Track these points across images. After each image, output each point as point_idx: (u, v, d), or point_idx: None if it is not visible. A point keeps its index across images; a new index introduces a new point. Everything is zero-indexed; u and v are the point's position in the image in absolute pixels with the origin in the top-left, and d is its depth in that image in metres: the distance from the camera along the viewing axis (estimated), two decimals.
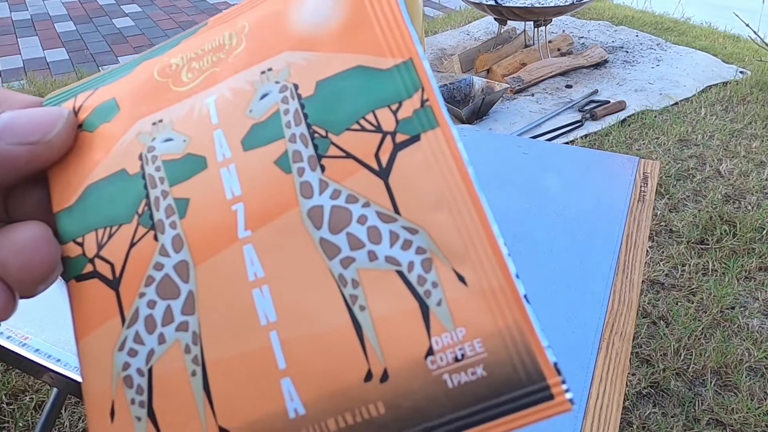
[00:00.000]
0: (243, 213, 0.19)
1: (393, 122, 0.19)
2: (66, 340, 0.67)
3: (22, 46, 3.50)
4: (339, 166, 0.19)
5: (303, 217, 0.18)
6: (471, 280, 0.17)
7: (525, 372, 0.16)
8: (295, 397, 0.17)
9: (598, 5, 3.91)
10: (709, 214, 1.96)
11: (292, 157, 0.19)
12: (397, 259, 0.18)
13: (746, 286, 1.71)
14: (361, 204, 0.18)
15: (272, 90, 0.20)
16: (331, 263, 0.18)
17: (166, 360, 0.18)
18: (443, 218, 0.18)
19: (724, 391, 1.42)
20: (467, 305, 0.17)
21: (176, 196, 0.20)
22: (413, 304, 0.17)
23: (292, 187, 0.19)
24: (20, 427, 1.35)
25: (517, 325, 0.16)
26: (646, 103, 2.63)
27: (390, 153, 0.19)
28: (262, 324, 0.18)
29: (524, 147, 1.01)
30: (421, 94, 0.19)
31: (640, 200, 0.86)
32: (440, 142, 0.18)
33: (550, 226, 0.82)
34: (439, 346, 0.17)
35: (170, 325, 0.19)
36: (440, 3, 4.28)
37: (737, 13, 3.15)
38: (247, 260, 0.18)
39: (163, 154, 0.20)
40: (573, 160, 0.97)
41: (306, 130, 0.19)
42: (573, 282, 0.72)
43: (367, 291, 0.17)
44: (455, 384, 0.16)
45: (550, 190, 0.89)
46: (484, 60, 2.93)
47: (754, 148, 2.34)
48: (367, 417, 0.17)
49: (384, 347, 0.17)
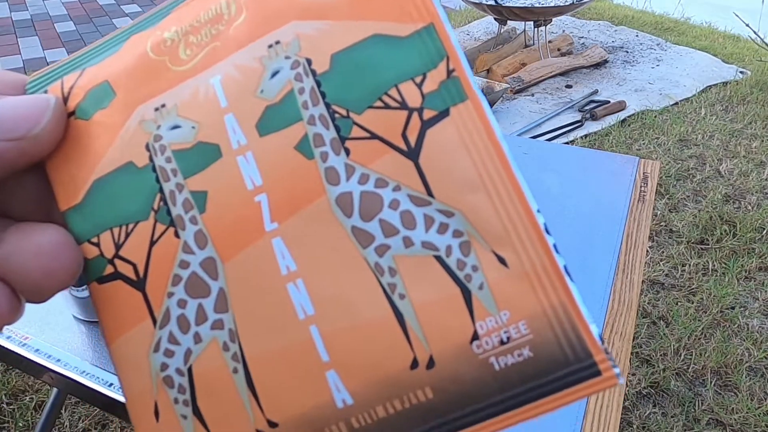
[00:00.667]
0: (267, 204, 0.18)
1: (419, 97, 0.17)
2: (66, 340, 0.67)
3: (22, 46, 3.50)
4: (364, 148, 0.18)
5: (332, 206, 0.17)
6: (512, 261, 0.17)
7: (572, 350, 0.16)
8: (341, 388, 0.17)
9: (598, 5, 3.91)
10: (709, 214, 1.96)
11: (314, 140, 0.18)
12: (434, 243, 0.17)
13: (746, 286, 1.71)
14: (391, 188, 0.17)
15: (283, 66, 0.18)
16: (366, 252, 0.17)
17: (205, 358, 0.18)
18: (479, 199, 0.17)
19: (724, 391, 1.42)
20: (510, 288, 0.16)
21: (192, 189, 0.18)
22: (455, 290, 0.17)
23: (316, 173, 0.18)
24: (20, 427, 1.35)
25: (561, 304, 0.16)
26: (646, 103, 2.63)
27: (418, 131, 0.17)
28: (300, 318, 0.17)
29: (524, 147, 1.01)
30: (447, 64, 0.18)
31: (640, 200, 0.86)
32: (472, 116, 0.17)
33: (550, 226, 0.82)
34: (483, 331, 0.16)
35: (204, 323, 0.18)
36: (440, 3, 4.28)
37: (737, 13, 3.15)
38: (278, 254, 0.18)
39: (172, 143, 0.19)
40: (573, 160, 0.97)
41: (325, 111, 0.18)
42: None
43: (406, 279, 0.17)
44: (502, 366, 0.16)
45: (550, 190, 0.89)
46: (484, 60, 2.93)
47: (754, 148, 2.34)
48: (415, 402, 0.16)
49: (428, 334, 0.17)
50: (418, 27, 0.18)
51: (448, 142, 0.17)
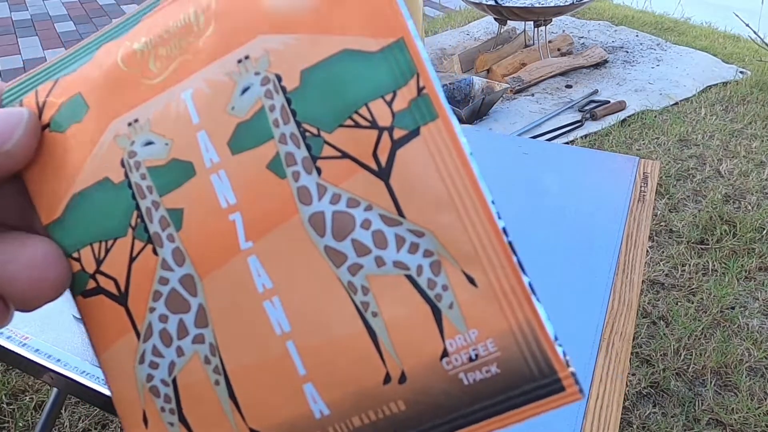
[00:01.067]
0: (241, 223, 0.18)
1: (389, 116, 0.18)
2: (66, 340, 0.67)
3: (22, 46, 3.50)
4: (336, 167, 0.18)
5: (305, 225, 0.18)
6: (481, 281, 0.17)
7: (537, 367, 0.17)
8: (318, 400, 0.18)
9: (598, 5, 3.91)
10: (709, 214, 1.96)
11: (285, 160, 0.18)
12: (405, 263, 0.17)
13: (746, 286, 1.71)
14: (363, 207, 0.18)
15: (253, 83, 0.18)
16: (339, 271, 0.18)
17: (188, 371, 0.19)
18: (449, 219, 0.17)
19: (724, 391, 1.42)
20: (478, 307, 0.17)
21: (168, 206, 0.19)
22: (425, 309, 0.17)
23: (289, 193, 0.18)
24: (20, 427, 1.35)
25: (528, 323, 0.17)
26: (646, 103, 2.63)
27: (389, 151, 0.18)
28: (277, 334, 0.18)
29: (524, 147, 1.01)
30: (417, 81, 0.18)
31: (640, 200, 0.86)
32: (442, 135, 0.17)
33: (550, 226, 0.82)
34: (453, 348, 0.17)
35: (186, 338, 0.19)
36: (440, 3, 4.28)
37: (737, 13, 3.15)
38: (254, 272, 0.18)
39: (146, 160, 0.19)
40: (573, 160, 0.97)
41: (296, 129, 0.18)
42: (573, 282, 0.72)
43: (378, 297, 0.17)
44: (471, 381, 0.17)
45: (550, 190, 0.89)
46: (484, 60, 2.93)
47: (754, 148, 2.34)
48: (389, 413, 0.17)
49: (399, 351, 0.17)
50: (389, 41, 0.18)
51: (419, 162, 0.17)
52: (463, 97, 2.52)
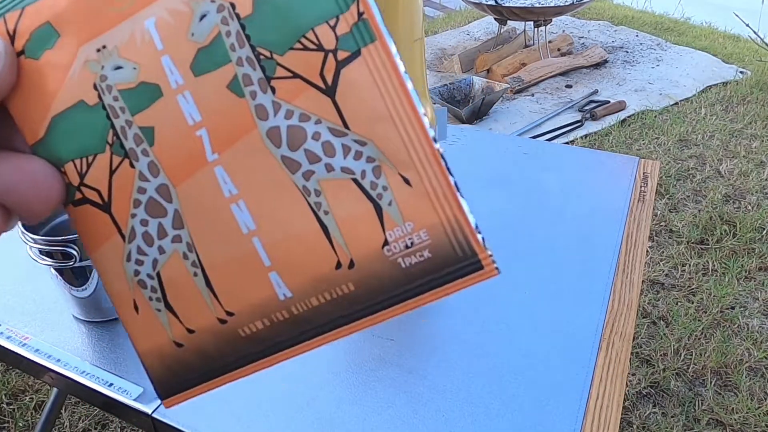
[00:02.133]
0: (207, 138, 0.21)
1: (333, 39, 0.20)
2: (66, 340, 0.67)
3: None
4: (288, 86, 0.20)
5: (263, 138, 0.20)
6: (415, 182, 0.20)
7: (462, 251, 0.20)
8: (282, 285, 0.21)
9: (598, 5, 3.91)
10: (709, 214, 1.96)
11: (243, 81, 0.20)
12: (351, 168, 0.20)
13: (746, 286, 1.71)
14: (313, 121, 0.20)
15: (210, 10, 0.20)
16: (295, 177, 0.20)
17: (170, 266, 0.22)
18: (388, 129, 0.20)
19: (724, 391, 1.43)
20: (413, 203, 0.20)
21: (140, 124, 0.21)
22: (369, 206, 0.20)
23: (247, 110, 0.20)
24: (20, 427, 1.35)
25: (454, 215, 0.20)
26: (646, 103, 2.63)
27: (334, 71, 0.20)
28: (244, 232, 0.21)
29: (524, 147, 1.01)
30: (357, 6, 0.20)
31: (640, 200, 0.86)
32: (380, 55, 0.20)
33: (550, 227, 0.82)
34: (392, 238, 0.20)
35: (165, 238, 0.22)
36: (440, 3, 4.28)
37: (737, 13, 3.15)
38: (220, 180, 0.21)
39: (117, 83, 0.21)
40: (573, 160, 0.97)
41: (251, 53, 0.20)
42: (573, 282, 0.72)
43: (329, 198, 0.20)
44: (408, 264, 0.20)
45: (550, 191, 0.89)
46: (484, 60, 2.93)
47: (754, 148, 2.34)
48: (341, 294, 0.21)
49: (348, 242, 0.21)
50: None
51: (361, 80, 0.20)
52: (463, 97, 2.52)
